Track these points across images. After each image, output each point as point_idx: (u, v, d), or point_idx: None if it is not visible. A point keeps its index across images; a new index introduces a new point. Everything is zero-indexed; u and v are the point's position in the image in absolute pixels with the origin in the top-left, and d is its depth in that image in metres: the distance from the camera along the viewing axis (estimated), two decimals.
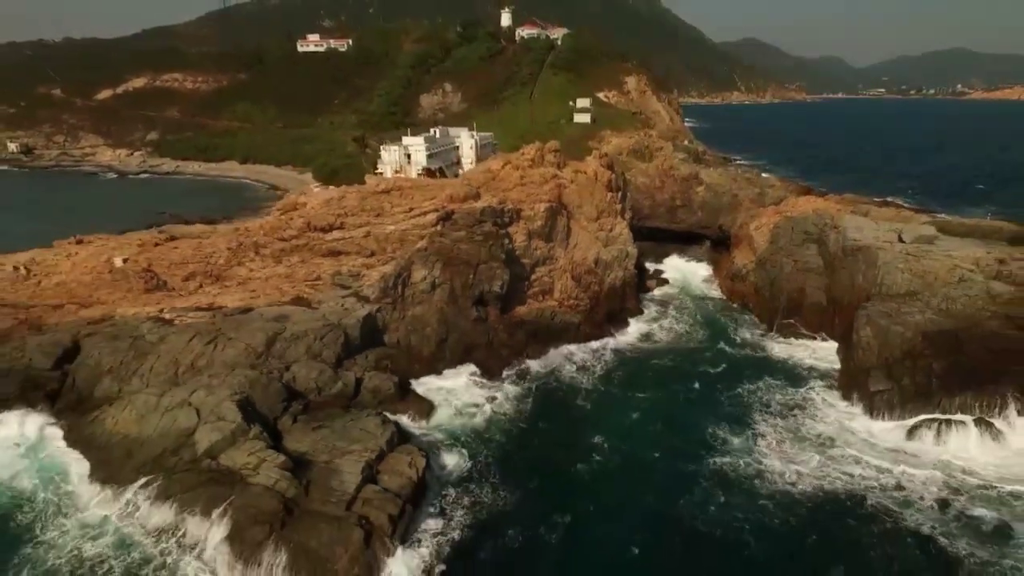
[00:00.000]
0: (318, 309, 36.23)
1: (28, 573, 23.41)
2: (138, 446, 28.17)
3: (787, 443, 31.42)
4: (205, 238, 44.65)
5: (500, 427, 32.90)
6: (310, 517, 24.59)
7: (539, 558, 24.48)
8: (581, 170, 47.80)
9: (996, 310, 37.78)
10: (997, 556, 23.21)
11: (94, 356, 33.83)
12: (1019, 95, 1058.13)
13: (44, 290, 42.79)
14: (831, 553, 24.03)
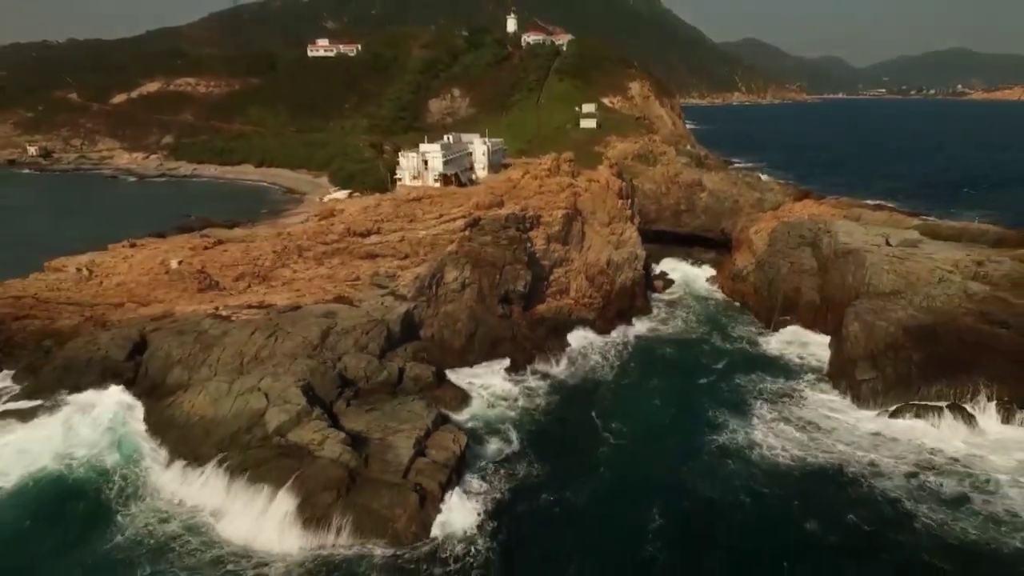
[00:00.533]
0: (360, 307, 40.32)
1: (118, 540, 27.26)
2: (215, 426, 32.25)
3: (779, 423, 35.49)
4: (251, 241, 48.77)
5: (528, 411, 36.99)
6: (371, 484, 28.69)
7: (568, 516, 28.52)
8: (594, 179, 51.87)
9: (972, 307, 41.83)
10: (952, 518, 27.23)
11: (163, 348, 37.91)
12: (1019, 95, 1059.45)
13: (106, 290, 46.95)
14: (811, 512, 28.10)
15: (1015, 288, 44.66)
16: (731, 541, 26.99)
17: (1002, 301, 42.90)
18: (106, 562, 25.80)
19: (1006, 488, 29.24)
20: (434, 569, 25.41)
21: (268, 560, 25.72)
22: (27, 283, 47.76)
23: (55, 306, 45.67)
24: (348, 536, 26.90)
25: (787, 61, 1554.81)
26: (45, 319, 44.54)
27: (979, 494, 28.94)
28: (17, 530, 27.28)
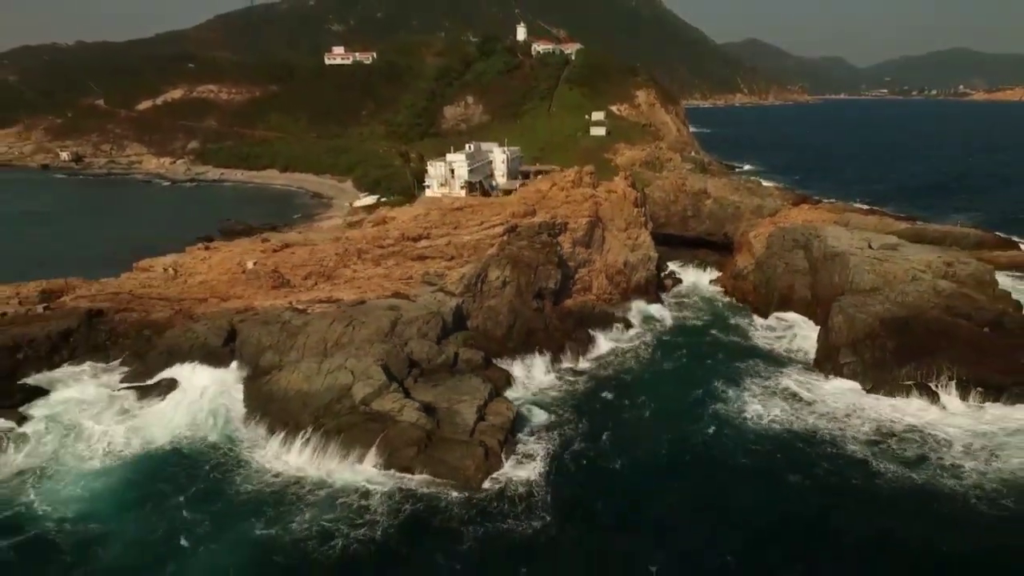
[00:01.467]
0: (417, 301, 47.34)
1: (241, 491, 34.06)
2: (309, 398, 39.25)
3: (769, 397, 42.48)
4: (314, 245, 55.84)
5: (561, 389, 44.04)
6: (444, 442, 35.74)
7: (599, 465, 35.54)
8: (612, 189, 58.87)
9: (939, 302, 48.78)
10: (907, 472, 34.06)
11: (254, 336, 44.96)
12: (1020, 96, 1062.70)
13: (190, 287, 53.99)
14: (789, 465, 35.10)
15: (979, 286, 51.71)
16: (725, 483, 34.09)
17: (966, 297, 49.90)
18: (236, 509, 32.38)
19: (956, 448, 36.15)
20: (499, 506, 32.33)
21: (370, 492, 32.69)
22: (121, 281, 54.86)
23: (148, 301, 52.70)
24: (428, 480, 33.95)
25: (789, 61, 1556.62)
26: (141, 312, 51.56)
27: (932, 452, 35.84)
28: (151, 492, 33.51)
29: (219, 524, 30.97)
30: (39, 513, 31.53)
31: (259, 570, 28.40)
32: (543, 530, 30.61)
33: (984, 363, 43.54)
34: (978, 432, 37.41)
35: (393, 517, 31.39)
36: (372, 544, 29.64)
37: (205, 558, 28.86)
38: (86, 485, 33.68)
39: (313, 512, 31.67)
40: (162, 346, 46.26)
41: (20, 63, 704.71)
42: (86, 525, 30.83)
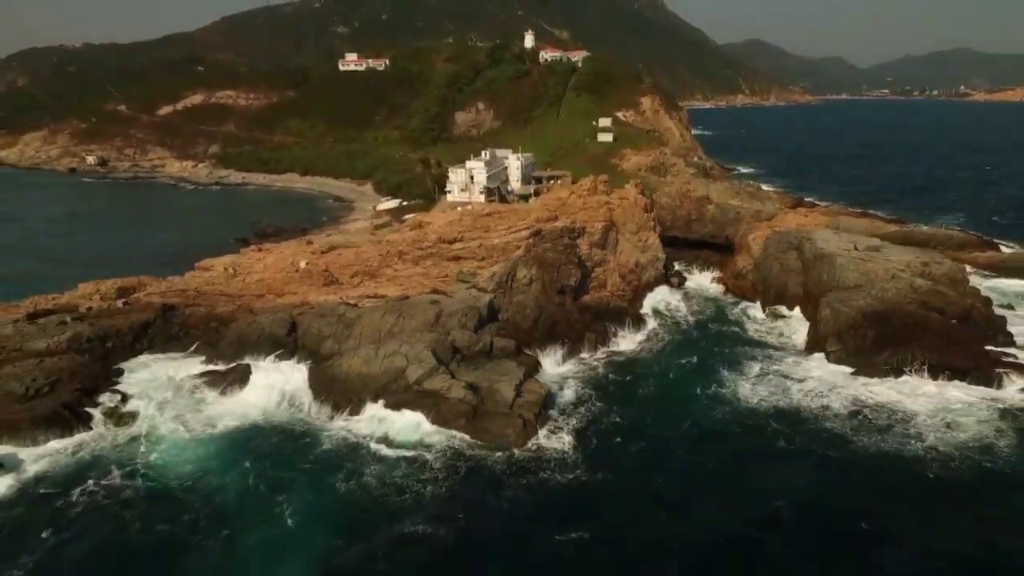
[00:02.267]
0: (454, 296, 53.86)
1: (319, 453, 40.60)
2: (369, 379, 45.78)
3: (763, 379, 48.95)
4: (357, 247, 62.36)
5: (582, 373, 50.52)
6: (487, 415, 42.24)
7: (617, 434, 41.88)
8: (624, 197, 65.32)
9: (915, 298, 55.21)
10: (878, 440, 40.37)
11: (314, 327, 51.48)
12: (1021, 96, 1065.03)
13: (248, 285, 60.53)
14: (774, 434, 41.47)
15: (952, 283, 58.13)
16: (723, 449, 40.49)
17: (940, 293, 56.34)
18: (318, 467, 38.73)
19: (920, 420, 42.56)
20: (535, 465, 38.76)
21: (428, 453, 39.21)
22: (187, 279, 61.46)
23: (212, 297, 59.28)
24: (475, 444, 40.46)
25: (791, 62, 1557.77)
26: (207, 307, 58.13)
27: (899, 423, 42.25)
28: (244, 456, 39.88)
29: (307, 478, 37.47)
30: (154, 472, 37.99)
31: (343, 513, 34.79)
32: (571, 481, 37.12)
33: (951, 351, 49.97)
34: (940, 407, 43.85)
35: (447, 471, 37.91)
36: (432, 490, 36.16)
37: (299, 505, 35.28)
38: (188, 451, 40.15)
39: (382, 468, 38.20)
40: (231, 336, 52.79)
41: (30, 65, 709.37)
42: (195, 481, 37.27)
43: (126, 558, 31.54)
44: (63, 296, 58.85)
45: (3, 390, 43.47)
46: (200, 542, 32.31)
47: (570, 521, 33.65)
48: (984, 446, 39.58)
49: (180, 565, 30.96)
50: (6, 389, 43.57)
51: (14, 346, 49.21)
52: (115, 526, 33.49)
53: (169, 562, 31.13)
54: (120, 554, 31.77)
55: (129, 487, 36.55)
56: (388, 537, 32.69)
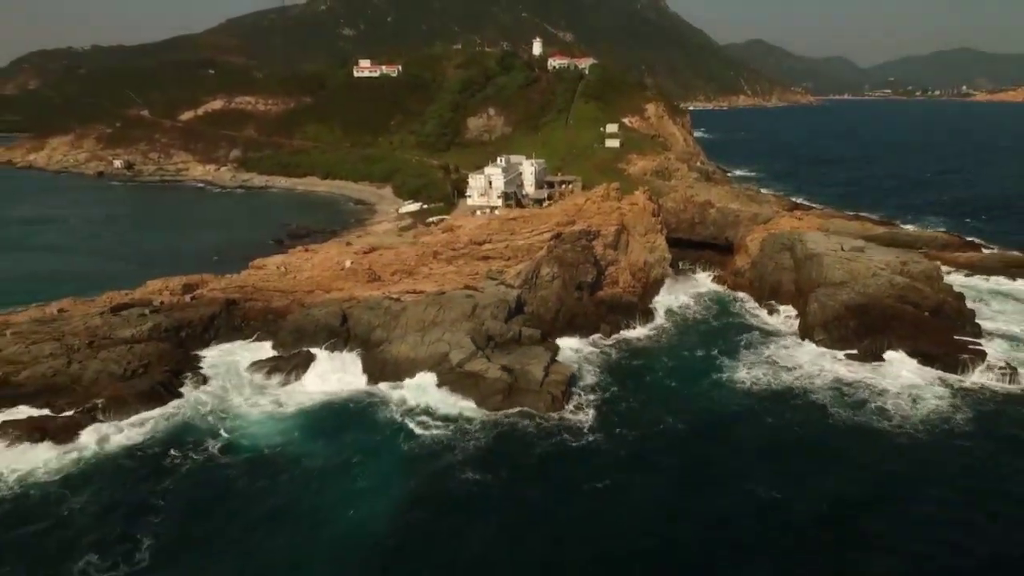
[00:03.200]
0: (485, 292, 61.00)
1: (379, 420, 47.84)
2: (417, 363, 52.94)
3: (757, 363, 56.03)
4: (395, 248, 69.57)
5: (599, 357, 57.65)
6: (521, 391, 49.38)
7: (630, 407, 48.97)
8: (634, 202, 72.43)
9: (893, 293, 62.25)
10: (853, 413, 47.44)
11: (364, 318, 58.66)
12: (1022, 97, 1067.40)
13: (299, 282, 67.73)
14: (765, 410, 48.49)
15: (927, 280, 65.14)
16: (721, 419, 47.60)
17: (915, 289, 63.38)
18: (381, 434, 45.90)
19: (890, 396, 49.64)
20: (562, 432, 45.81)
21: (471, 421, 46.41)
22: (243, 277, 68.69)
23: (267, 292, 66.48)
24: (510, 414, 47.60)
25: (793, 62, 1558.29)
26: (263, 301, 65.33)
27: (872, 399, 49.28)
28: (316, 428, 47.20)
29: (372, 444, 44.68)
30: (240, 439, 45.15)
31: (405, 467, 41.89)
32: (592, 444, 44.28)
33: (922, 339, 57.08)
34: (908, 386, 50.93)
35: (487, 435, 45.08)
36: (474, 448, 43.36)
37: (370, 466, 42.40)
38: (265, 425, 47.18)
39: (434, 433, 45.39)
40: (289, 327, 59.97)
41: (40, 67, 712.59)
42: (278, 446, 44.38)
43: (219, 502, 38.55)
44: (135, 292, 66.13)
45: (106, 371, 50.80)
46: (289, 491, 39.47)
47: (590, 475, 40.71)
48: (942, 418, 46.73)
49: (270, 509, 38.03)
50: (108, 370, 50.90)
51: (104, 334, 56.44)
52: (212, 478, 40.64)
53: (263, 509, 38.13)
54: (213, 500, 38.80)
55: (219, 449, 43.70)
56: (440, 485, 39.88)
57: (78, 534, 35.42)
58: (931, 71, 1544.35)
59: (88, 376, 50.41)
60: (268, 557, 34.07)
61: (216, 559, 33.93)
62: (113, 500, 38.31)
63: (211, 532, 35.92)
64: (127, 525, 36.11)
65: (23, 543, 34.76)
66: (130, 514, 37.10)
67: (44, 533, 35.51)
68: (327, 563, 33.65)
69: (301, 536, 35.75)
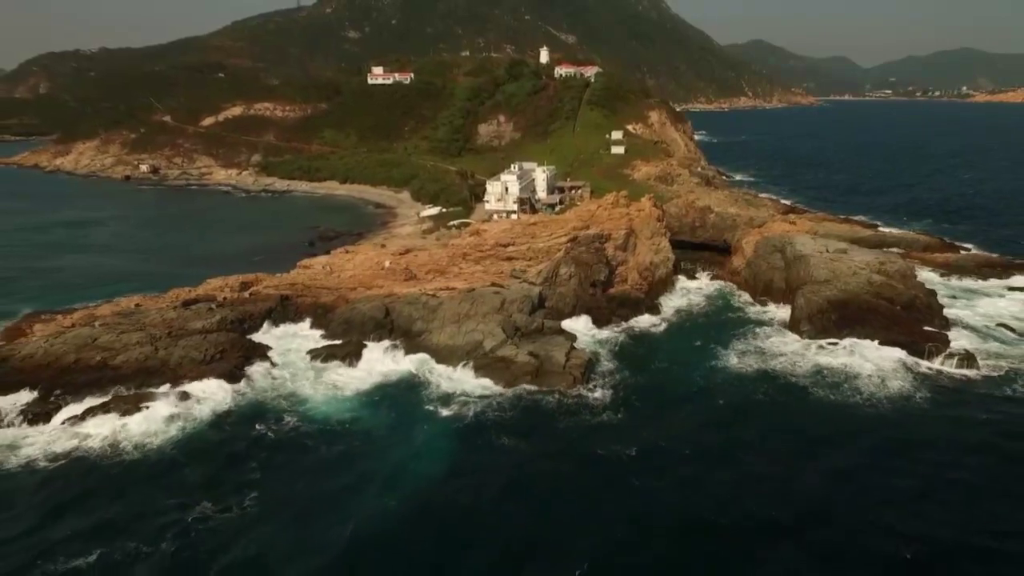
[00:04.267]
0: (511, 288, 69.27)
1: (428, 396, 56.11)
2: (455, 349, 61.20)
3: (749, 352, 64.19)
4: (428, 250, 77.82)
5: (610, 345, 65.89)
6: (546, 373, 57.61)
7: (637, 389, 57.12)
8: (641, 208, 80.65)
9: (870, 290, 70.41)
10: (830, 391, 55.55)
11: (405, 312, 66.93)
12: (1021, 98, 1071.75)
13: (343, 280, 76.07)
14: (754, 389, 56.61)
15: (902, 279, 73.33)
16: (715, 397, 55.74)
17: (891, 286, 71.55)
18: (429, 407, 54.10)
19: (863, 377, 57.77)
20: (581, 407, 53.99)
21: (502, 397, 54.68)
22: (293, 275, 77.02)
23: (315, 289, 74.81)
24: (537, 391, 55.85)
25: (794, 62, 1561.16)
26: (312, 297, 73.63)
27: (847, 380, 57.37)
28: (373, 404, 55.62)
29: (422, 417, 52.88)
30: (309, 413, 53.36)
31: (453, 435, 50.09)
32: (607, 417, 52.38)
33: (894, 330, 65.26)
34: (879, 369, 59.10)
35: (519, 409, 53.20)
36: (509, 420, 51.51)
37: (422, 434, 50.60)
38: (329, 403, 55.15)
39: (474, 408, 53.48)
40: (338, 319, 68.28)
41: (50, 70, 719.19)
42: (341, 422, 52.49)
43: (304, 464, 46.79)
44: (198, 289, 74.50)
45: (188, 356, 59.11)
46: (358, 455, 47.69)
47: (606, 441, 48.80)
48: (904, 396, 54.96)
49: (348, 468, 46.27)
50: (190, 356, 59.21)
51: (179, 326, 64.76)
52: (295, 445, 48.84)
53: (339, 468, 46.34)
54: (299, 462, 47.06)
55: (295, 422, 51.87)
56: (482, 448, 48.07)
57: (192, 488, 43.56)
58: (933, 71, 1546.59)
59: (174, 360, 58.71)
60: (348, 506, 42.22)
61: (306, 509, 41.91)
62: (215, 461, 46.50)
63: (301, 487, 44.01)
64: (231, 481, 44.27)
65: (149, 496, 42.79)
66: (232, 472, 45.29)
67: (163, 487, 43.68)
68: (395, 512, 41.58)
69: (374, 488, 43.91)
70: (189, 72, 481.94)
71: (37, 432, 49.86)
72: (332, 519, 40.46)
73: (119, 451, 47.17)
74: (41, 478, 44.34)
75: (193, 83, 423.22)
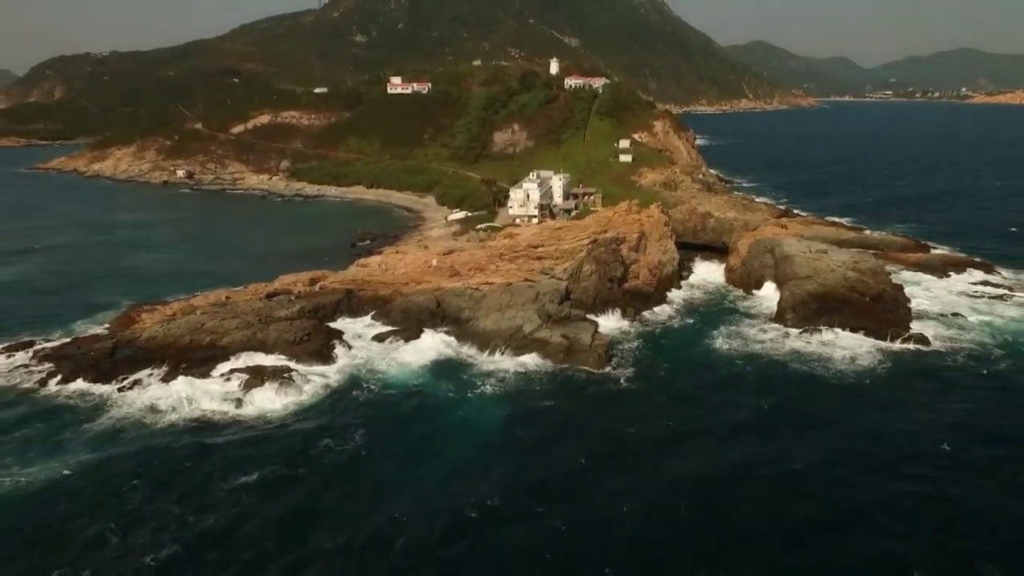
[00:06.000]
0: (541, 283, 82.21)
1: (487, 370, 69.04)
2: (499, 333, 74.04)
3: (741, 337, 77.02)
4: (466, 251, 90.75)
5: (627, 330, 78.82)
6: (575, 352, 70.47)
7: (650, 365, 70.05)
8: (651, 215, 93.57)
9: (845, 284, 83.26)
10: (806, 367, 68.38)
11: (454, 303, 79.89)
12: (1020, 99, 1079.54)
13: (396, 276, 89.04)
14: (743, 366, 69.38)
15: (873, 275, 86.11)
16: (712, 371, 68.59)
17: (863, 281, 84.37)
18: (477, 382, 66.89)
19: (835, 357, 70.65)
20: (604, 380, 66.90)
21: (539, 371, 67.66)
22: (353, 272, 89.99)
23: (374, 284, 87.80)
24: (568, 367, 68.76)
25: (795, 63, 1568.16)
26: (371, 291, 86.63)
27: (821, 361, 70.07)
28: (431, 379, 68.49)
29: (475, 385, 65.77)
30: (388, 383, 66.34)
31: (501, 400, 62.91)
32: (627, 387, 65.34)
33: (864, 318, 78.10)
34: (848, 349, 71.98)
35: (554, 381, 66.09)
36: (547, 389, 64.41)
37: (476, 400, 63.45)
38: (400, 376, 68.10)
39: (513, 380, 66.40)
40: (396, 309, 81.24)
41: (64, 74, 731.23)
42: (413, 390, 65.44)
43: (390, 419, 59.72)
44: (274, 283, 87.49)
45: (282, 338, 72.11)
46: (430, 414, 60.58)
47: (628, 406, 61.79)
48: (868, 370, 67.78)
49: (425, 420, 59.14)
50: (283, 338, 72.20)
51: (267, 314, 77.71)
52: (380, 404, 61.80)
53: (416, 423, 59.23)
54: (385, 417, 59.98)
55: (377, 389, 64.88)
56: (525, 411, 60.87)
57: (309, 437, 56.47)
58: (933, 71, 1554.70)
59: (271, 341, 71.73)
60: (429, 444, 55.13)
61: (401, 445, 54.89)
62: (324, 418, 59.43)
63: (394, 431, 56.99)
64: (344, 428, 57.23)
65: (277, 449, 55.61)
66: (340, 425, 58.21)
67: (291, 433, 56.63)
68: (463, 456, 54.17)
69: (447, 432, 56.86)
70: (204, 77, 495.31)
71: (169, 395, 62.61)
72: (421, 452, 53.60)
73: (246, 410, 60.19)
74: (192, 429, 57.33)
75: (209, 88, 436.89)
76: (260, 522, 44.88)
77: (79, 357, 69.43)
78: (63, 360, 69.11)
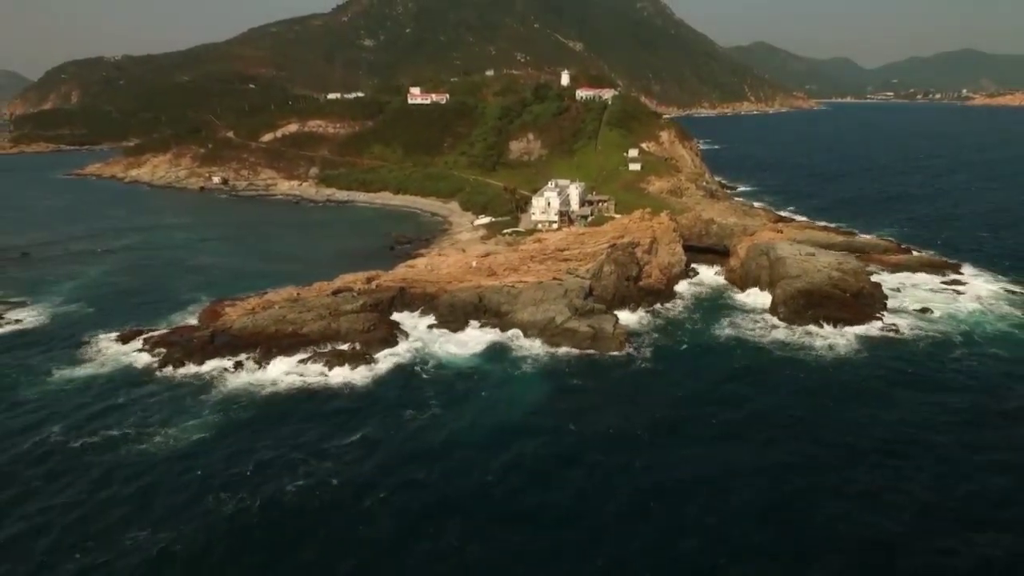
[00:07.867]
0: (568, 281, 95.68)
1: (517, 358, 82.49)
2: (534, 324, 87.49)
3: (737, 327, 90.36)
4: (500, 254, 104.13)
5: (643, 322, 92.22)
6: (600, 339, 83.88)
7: (665, 350, 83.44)
8: (661, 222, 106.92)
9: (830, 283, 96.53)
10: (792, 353, 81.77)
11: (494, 298, 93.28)
12: (1020, 101, 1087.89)
13: (441, 276, 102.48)
14: (740, 354, 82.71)
15: (855, 275, 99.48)
16: (713, 355, 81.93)
17: (846, 280, 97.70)
18: (521, 361, 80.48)
19: (817, 344, 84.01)
20: (625, 362, 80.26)
21: (568, 354, 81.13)
22: (402, 272, 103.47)
23: (421, 282, 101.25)
24: (593, 352, 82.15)
25: (797, 63, 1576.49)
26: (419, 288, 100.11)
27: (805, 349, 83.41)
28: (481, 362, 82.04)
29: (517, 366, 79.17)
30: (444, 364, 79.75)
31: (539, 378, 76.26)
32: (645, 367, 78.74)
33: (844, 311, 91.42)
34: (829, 337, 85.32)
35: (582, 364, 79.55)
36: (577, 369, 77.81)
37: (519, 377, 76.81)
38: (454, 359, 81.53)
39: (547, 360, 79.90)
40: (443, 305, 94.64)
41: (79, 79, 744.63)
42: (466, 369, 78.89)
43: (450, 394, 73.06)
44: (335, 282, 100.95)
45: (353, 328, 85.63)
46: (481, 390, 73.97)
47: (646, 383, 75.21)
48: (845, 356, 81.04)
49: (478, 395, 72.53)
50: (354, 327, 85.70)
51: (335, 307, 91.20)
52: (441, 381, 75.22)
53: (470, 397, 72.67)
54: (446, 391, 73.33)
55: (434, 369, 78.33)
56: (561, 386, 74.29)
57: (391, 405, 69.95)
58: (935, 72, 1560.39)
59: (343, 330, 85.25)
60: (487, 412, 68.51)
61: (466, 411, 68.29)
62: (400, 391, 72.87)
63: (456, 401, 70.45)
64: (416, 401, 70.70)
65: (368, 414, 69.00)
66: (414, 396, 71.65)
67: (373, 405, 70.08)
68: (514, 419, 67.59)
69: (500, 404, 70.27)
70: (220, 83, 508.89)
71: (267, 373, 76.12)
72: (481, 415, 67.23)
73: (335, 383, 73.74)
74: (294, 398, 70.82)
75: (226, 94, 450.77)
76: (367, 465, 58.43)
77: (184, 343, 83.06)
78: (171, 346, 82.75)
